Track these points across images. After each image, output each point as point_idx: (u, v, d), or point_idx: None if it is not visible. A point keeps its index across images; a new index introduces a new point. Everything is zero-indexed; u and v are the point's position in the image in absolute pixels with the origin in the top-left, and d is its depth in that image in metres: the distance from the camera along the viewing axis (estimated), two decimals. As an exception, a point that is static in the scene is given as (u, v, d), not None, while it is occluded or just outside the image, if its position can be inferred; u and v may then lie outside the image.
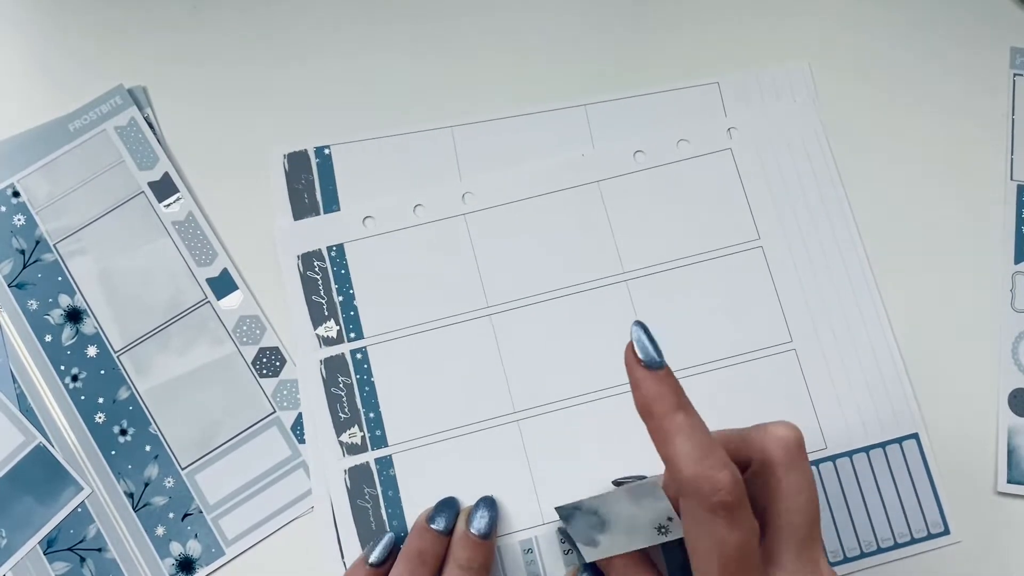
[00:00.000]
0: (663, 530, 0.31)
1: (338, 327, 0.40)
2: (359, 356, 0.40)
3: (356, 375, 0.40)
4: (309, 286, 0.41)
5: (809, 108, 0.43)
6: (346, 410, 0.40)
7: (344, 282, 0.41)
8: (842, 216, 0.42)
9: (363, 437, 0.40)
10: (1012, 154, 0.43)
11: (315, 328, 0.40)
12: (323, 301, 0.41)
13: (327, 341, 0.40)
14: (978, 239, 0.42)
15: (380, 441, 0.39)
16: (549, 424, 0.39)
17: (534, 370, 0.40)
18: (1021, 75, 0.44)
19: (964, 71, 0.44)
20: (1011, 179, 0.43)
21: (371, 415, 0.40)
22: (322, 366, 0.40)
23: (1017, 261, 0.42)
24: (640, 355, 0.28)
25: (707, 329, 0.40)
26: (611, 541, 0.34)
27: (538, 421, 0.39)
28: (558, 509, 0.35)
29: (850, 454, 0.40)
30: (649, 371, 0.28)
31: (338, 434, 0.40)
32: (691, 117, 0.43)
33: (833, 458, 0.40)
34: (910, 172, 0.43)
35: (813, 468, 0.39)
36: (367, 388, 0.40)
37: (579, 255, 0.41)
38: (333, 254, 0.41)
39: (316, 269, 0.41)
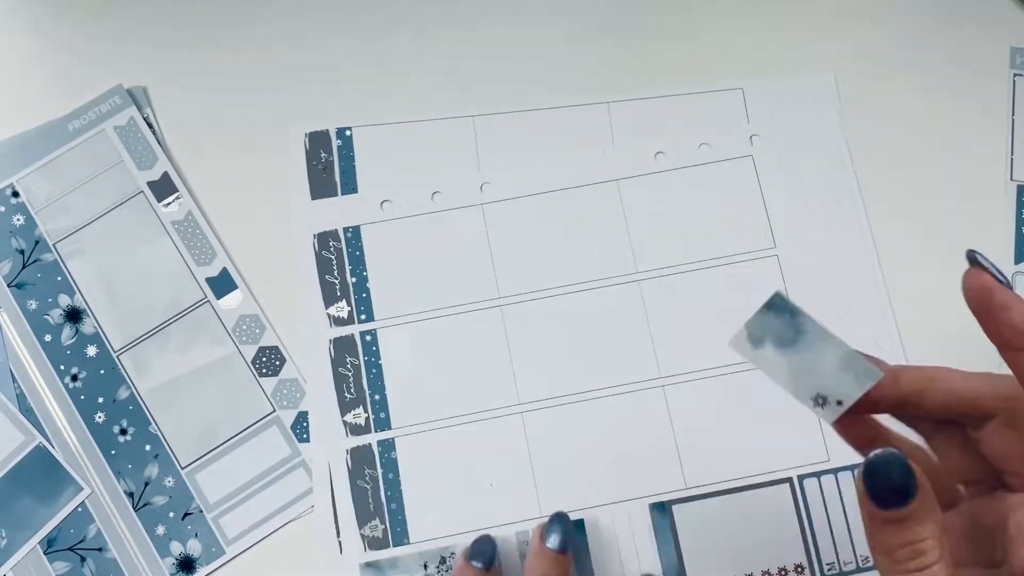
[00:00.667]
0: (820, 401, 0.29)
1: (349, 308, 0.41)
2: (368, 338, 0.40)
3: (364, 356, 0.40)
4: (323, 265, 0.41)
5: (833, 120, 0.43)
6: (352, 391, 0.40)
7: (358, 263, 0.41)
8: (859, 228, 0.42)
9: (367, 418, 0.40)
10: (1012, 154, 0.43)
11: (327, 307, 0.41)
12: (336, 281, 0.41)
13: (338, 321, 0.41)
14: (978, 239, 0.42)
15: (384, 423, 0.40)
16: (554, 418, 0.39)
17: (542, 363, 0.40)
18: (1021, 75, 0.44)
19: (964, 72, 0.44)
20: (1011, 179, 0.43)
21: (376, 397, 0.40)
22: (331, 345, 0.40)
23: (1017, 261, 0.42)
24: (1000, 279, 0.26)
25: (718, 334, 0.40)
26: (775, 361, 0.31)
27: (543, 415, 0.39)
28: (777, 293, 0.31)
29: (853, 468, 0.39)
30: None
31: (343, 414, 0.40)
32: (714, 121, 0.43)
33: (836, 471, 0.39)
34: (909, 172, 0.43)
35: (814, 480, 0.39)
36: (374, 370, 0.40)
37: (594, 252, 0.41)
38: (349, 235, 0.41)
39: (331, 249, 0.41)
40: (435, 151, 0.42)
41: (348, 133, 0.42)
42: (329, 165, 0.42)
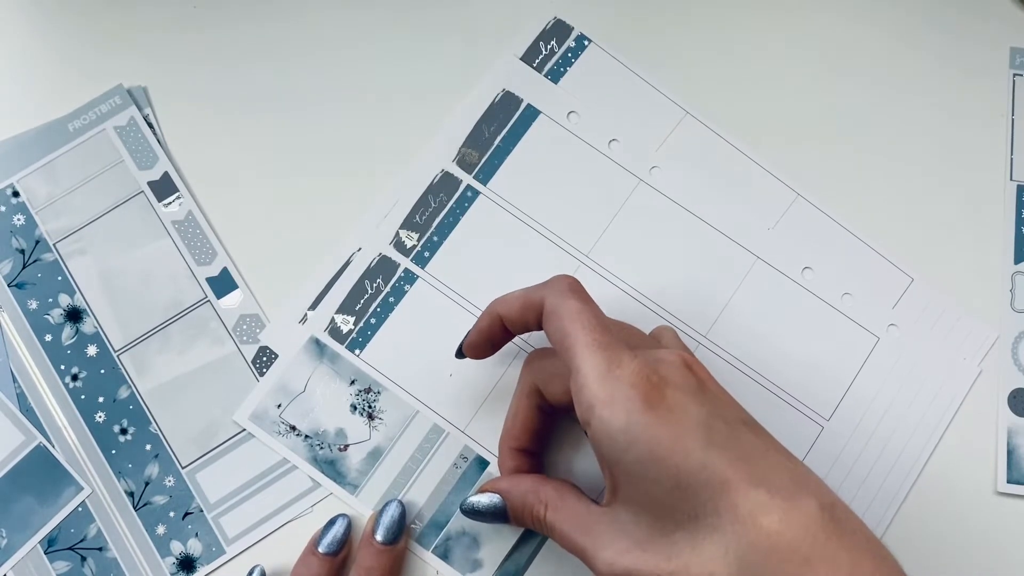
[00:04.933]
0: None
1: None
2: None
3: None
4: (478, 128, 0.42)
5: (969, 374, 0.41)
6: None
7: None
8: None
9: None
10: (1012, 154, 0.43)
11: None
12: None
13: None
14: (978, 239, 0.42)
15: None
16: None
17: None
18: (1021, 75, 0.44)
19: (964, 71, 0.44)
20: (1011, 179, 0.43)
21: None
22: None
23: (1017, 261, 0.42)
24: None
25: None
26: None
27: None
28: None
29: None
30: None
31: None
32: (871, 283, 0.41)
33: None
34: (910, 172, 0.43)
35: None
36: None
37: (687, 288, 0.41)
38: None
39: (497, 121, 0.42)
40: (647, 112, 0.43)
41: (586, 43, 0.43)
42: (552, 53, 0.43)
